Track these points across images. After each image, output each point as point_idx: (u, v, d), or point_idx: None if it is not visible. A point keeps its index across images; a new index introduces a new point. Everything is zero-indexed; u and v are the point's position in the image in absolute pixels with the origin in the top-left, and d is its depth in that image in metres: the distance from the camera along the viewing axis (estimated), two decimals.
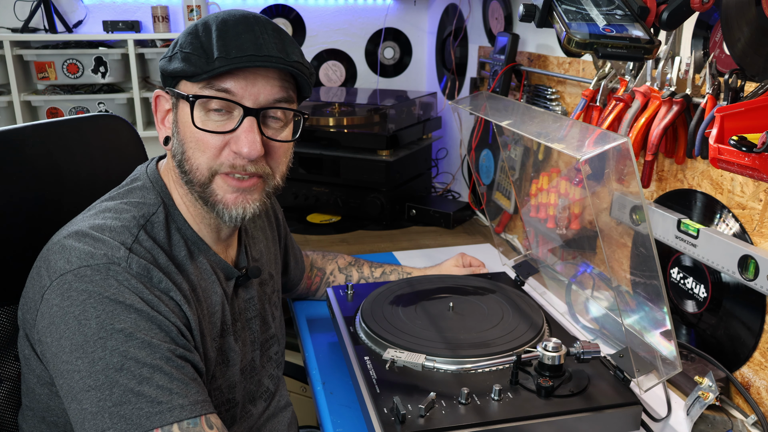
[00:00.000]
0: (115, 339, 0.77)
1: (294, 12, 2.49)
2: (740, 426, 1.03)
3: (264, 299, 1.10)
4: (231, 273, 0.99)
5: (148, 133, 2.26)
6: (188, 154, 0.88)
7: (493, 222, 1.80)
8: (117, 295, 0.79)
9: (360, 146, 2.03)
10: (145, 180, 0.94)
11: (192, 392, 0.79)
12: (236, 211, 0.90)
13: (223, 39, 0.84)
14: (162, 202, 0.92)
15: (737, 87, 1.03)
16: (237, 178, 0.89)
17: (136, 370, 0.77)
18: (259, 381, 1.07)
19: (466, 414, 0.92)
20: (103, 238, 0.83)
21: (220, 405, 0.96)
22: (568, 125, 1.07)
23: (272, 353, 1.12)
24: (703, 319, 1.17)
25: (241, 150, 0.86)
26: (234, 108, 0.86)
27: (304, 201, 2.09)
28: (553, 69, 1.64)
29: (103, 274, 0.79)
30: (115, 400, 0.75)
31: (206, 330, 0.92)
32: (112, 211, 0.88)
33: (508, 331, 1.13)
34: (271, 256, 1.16)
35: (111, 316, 0.77)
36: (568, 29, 1.01)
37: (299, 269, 1.34)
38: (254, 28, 0.86)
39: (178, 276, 0.88)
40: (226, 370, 0.97)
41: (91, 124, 1.15)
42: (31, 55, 2.16)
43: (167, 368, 0.78)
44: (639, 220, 1.20)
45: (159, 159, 0.99)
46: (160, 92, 0.92)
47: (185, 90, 0.87)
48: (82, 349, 0.77)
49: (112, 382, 0.76)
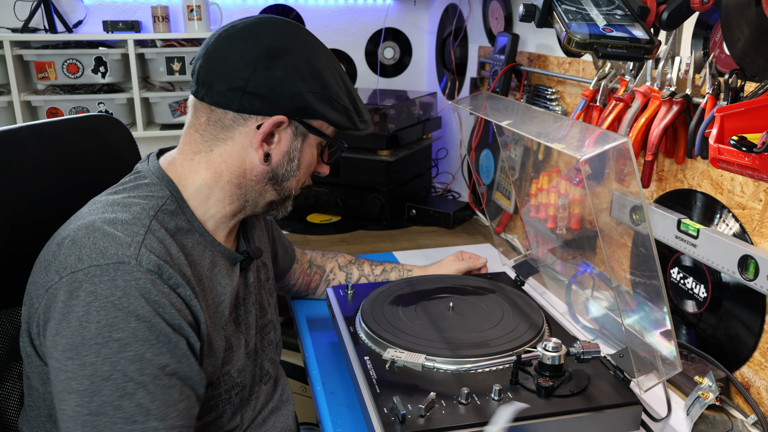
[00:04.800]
0: (110, 347, 0.78)
1: (294, 12, 2.49)
2: (740, 426, 1.03)
3: (260, 286, 1.12)
4: (234, 258, 1.01)
5: (148, 133, 2.26)
6: (299, 177, 1.00)
7: (493, 222, 1.80)
8: (122, 299, 0.79)
9: (360, 146, 2.03)
10: (151, 176, 0.95)
11: (171, 416, 0.81)
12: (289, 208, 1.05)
13: (358, 104, 1.00)
14: (170, 194, 0.93)
15: (737, 87, 1.03)
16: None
17: (122, 383, 0.78)
18: (261, 365, 1.10)
19: (466, 414, 0.92)
20: (115, 233, 0.83)
21: (231, 389, 0.98)
22: (568, 125, 1.07)
23: (271, 338, 1.14)
24: (703, 319, 1.17)
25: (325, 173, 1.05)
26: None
27: (304, 201, 2.09)
28: (553, 69, 1.64)
29: (111, 274, 0.79)
30: (93, 409, 0.77)
31: (213, 320, 0.93)
32: (121, 204, 0.89)
33: (508, 331, 1.13)
34: (263, 244, 1.19)
35: (111, 323, 0.78)
36: (568, 29, 1.01)
37: (288, 258, 1.35)
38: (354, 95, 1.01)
39: (187, 268, 0.89)
40: (233, 355, 0.98)
41: (85, 125, 1.15)
42: (31, 55, 2.16)
43: (152, 387, 0.79)
44: (639, 220, 1.20)
45: (158, 155, 1.00)
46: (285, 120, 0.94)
47: (320, 128, 0.97)
48: (76, 351, 0.78)
49: (95, 391, 0.77)
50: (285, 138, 0.94)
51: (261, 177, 0.96)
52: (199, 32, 2.26)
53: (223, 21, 2.37)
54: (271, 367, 1.13)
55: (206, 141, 0.94)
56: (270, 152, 0.94)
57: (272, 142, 0.94)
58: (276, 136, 0.94)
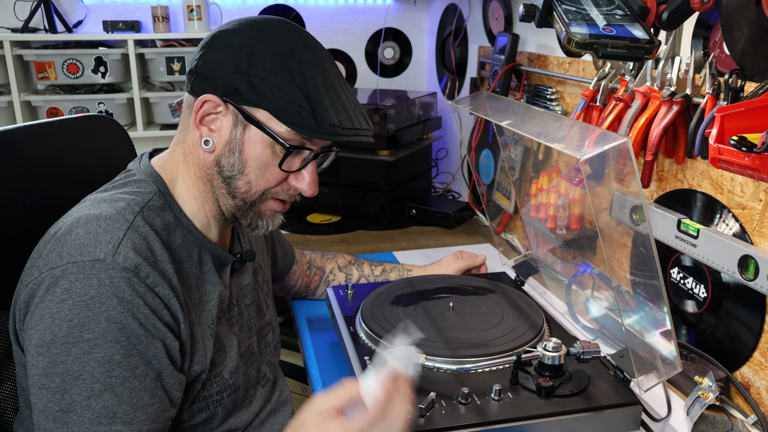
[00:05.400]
0: (80, 347, 0.78)
1: (294, 12, 2.49)
2: (740, 426, 1.03)
3: (257, 288, 1.12)
4: (226, 259, 1.00)
5: (148, 133, 2.26)
6: (249, 177, 0.92)
7: (493, 222, 1.80)
8: (95, 299, 0.79)
9: (360, 146, 2.03)
10: (140, 173, 0.95)
11: (139, 419, 0.81)
12: (267, 225, 0.97)
13: (330, 98, 0.89)
14: (157, 189, 0.93)
15: (737, 87, 1.03)
16: (283, 202, 0.97)
17: (90, 383, 0.78)
18: (258, 367, 1.09)
19: (466, 414, 0.92)
20: (96, 230, 0.83)
21: (223, 391, 0.97)
22: (568, 125, 1.07)
23: (269, 340, 1.14)
24: (703, 319, 1.17)
25: (305, 191, 0.95)
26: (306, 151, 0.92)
27: (304, 201, 2.09)
28: (553, 69, 1.64)
29: (87, 272, 0.80)
30: (63, 406, 0.78)
31: (199, 319, 0.93)
32: (107, 201, 0.89)
33: (508, 331, 1.13)
34: (260, 246, 1.18)
35: (81, 323, 0.78)
36: (568, 29, 1.01)
37: (288, 259, 1.35)
38: (345, 89, 0.93)
39: (169, 266, 0.88)
40: (225, 356, 0.98)
41: (82, 125, 1.15)
42: (31, 55, 2.16)
43: (120, 389, 0.79)
44: (639, 220, 1.20)
45: (151, 155, 1.01)
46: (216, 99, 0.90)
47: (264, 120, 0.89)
48: (48, 348, 0.79)
49: (65, 389, 0.78)
50: (226, 125, 0.91)
51: (210, 168, 0.93)
52: (199, 32, 2.26)
53: (223, 21, 2.36)
54: (269, 371, 1.13)
55: (181, 130, 0.96)
56: (211, 139, 0.92)
57: (213, 129, 0.92)
58: (217, 123, 0.91)
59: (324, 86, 0.89)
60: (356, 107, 0.93)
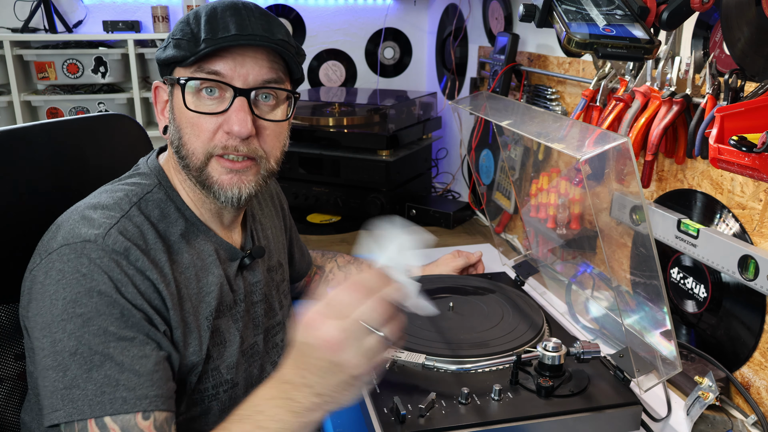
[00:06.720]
0: (74, 323, 0.80)
1: (294, 12, 2.49)
2: (740, 426, 1.03)
3: (272, 286, 1.11)
4: (235, 254, 1.01)
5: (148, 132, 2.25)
6: (184, 140, 0.91)
7: (493, 222, 1.80)
8: (86, 276, 0.81)
9: (360, 146, 2.03)
10: (145, 168, 0.98)
11: (144, 385, 0.81)
12: (231, 191, 0.92)
13: (210, 23, 0.88)
14: (158, 182, 0.95)
15: (737, 87, 1.03)
16: (231, 160, 0.91)
17: (89, 356, 0.79)
18: (262, 366, 1.08)
19: (466, 414, 0.92)
20: (92, 216, 0.86)
21: (219, 385, 0.97)
22: (568, 125, 1.07)
23: (278, 340, 1.12)
24: (703, 319, 1.17)
25: (232, 128, 0.88)
26: (225, 90, 0.89)
27: (304, 201, 2.09)
28: (553, 69, 1.64)
29: (78, 251, 0.82)
30: (66, 383, 0.79)
31: (196, 309, 0.93)
32: (109, 191, 0.92)
33: (508, 331, 1.13)
34: (280, 244, 1.18)
35: (74, 299, 0.80)
36: (568, 29, 1.01)
37: (305, 261, 1.36)
38: (241, 12, 0.89)
39: (163, 254, 0.89)
40: (224, 351, 0.97)
41: (101, 123, 1.18)
42: (31, 55, 2.16)
43: (120, 358, 0.80)
44: (639, 220, 1.20)
45: (159, 151, 1.02)
46: (158, 83, 0.96)
47: (178, 75, 0.91)
48: (48, 329, 0.80)
49: (66, 366, 0.79)
50: (166, 103, 0.95)
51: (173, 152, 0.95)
52: None
53: None
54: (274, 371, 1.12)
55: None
56: (169, 124, 0.95)
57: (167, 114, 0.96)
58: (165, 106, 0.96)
59: (212, 14, 0.88)
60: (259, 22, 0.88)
